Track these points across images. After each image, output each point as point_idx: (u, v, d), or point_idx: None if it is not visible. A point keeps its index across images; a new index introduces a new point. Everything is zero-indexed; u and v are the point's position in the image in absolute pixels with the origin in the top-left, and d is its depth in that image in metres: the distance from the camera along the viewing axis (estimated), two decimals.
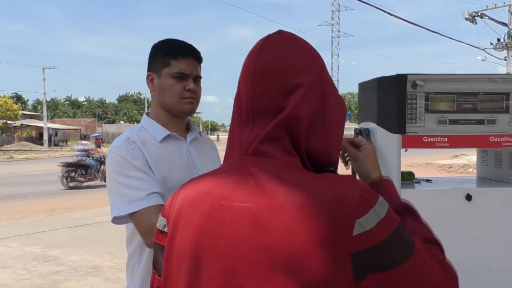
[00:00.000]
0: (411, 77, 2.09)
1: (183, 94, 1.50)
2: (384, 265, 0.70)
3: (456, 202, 2.14)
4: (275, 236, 0.70)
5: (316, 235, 0.68)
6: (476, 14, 23.53)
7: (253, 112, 0.79)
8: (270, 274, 0.70)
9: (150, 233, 1.33)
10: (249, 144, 0.79)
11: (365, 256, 0.69)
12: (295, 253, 0.69)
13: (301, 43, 0.83)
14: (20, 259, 5.61)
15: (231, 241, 0.73)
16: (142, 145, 1.45)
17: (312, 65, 0.82)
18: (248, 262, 0.71)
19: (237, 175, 0.78)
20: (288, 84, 0.78)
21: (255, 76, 0.79)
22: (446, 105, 2.13)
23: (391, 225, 0.72)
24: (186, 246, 0.77)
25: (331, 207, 0.70)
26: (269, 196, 0.73)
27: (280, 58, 0.79)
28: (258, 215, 0.72)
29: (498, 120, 2.15)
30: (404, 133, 2.11)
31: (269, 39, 0.82)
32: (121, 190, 1.38)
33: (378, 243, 0.70)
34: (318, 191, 0.71)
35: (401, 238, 0.73)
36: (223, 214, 0.75)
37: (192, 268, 0.76)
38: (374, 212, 0.71)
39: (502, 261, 2.15)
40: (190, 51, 1.52)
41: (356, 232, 0.69)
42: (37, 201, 10.45)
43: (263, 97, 0.78)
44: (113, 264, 5.37)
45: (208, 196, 0.78)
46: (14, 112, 43.32)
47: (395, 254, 0.71)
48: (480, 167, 2.66)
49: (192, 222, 0.78)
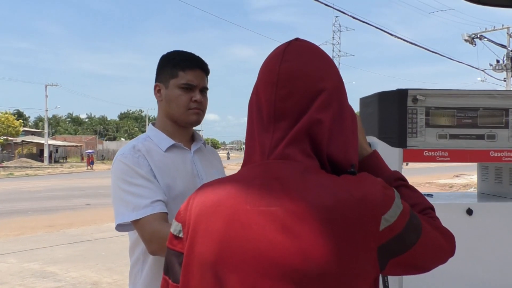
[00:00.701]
0: (411, 92, 2.12)
1: (190, 105, 1.52)
2: (402, 250, 0.76)
3: (457, 216, 2.15)
4: (306, 239, 0.71)
5: (346, 235, 0.71)
6: (475, 36, 23.83)
7: (276, 116, 0.80)
8: (303, 277, 0.70)
9: (154, 240, 1.34)
10: (272, 148, 0.80)
11: (388, 246, 0.74)
12: (328, 255, 0.70)
13: (320, 50, 0.86)
14: (18, 275, 5.56)
15: (259, 245, 0.73)
16: (147, 153, 1.47)
17: (332, 71, 0.84)
18: (279, 266, 0.71)
19: (261, 180, 0.78)
20: (312, 89, 0.80)
21: (279, 79, 0.80)
22: (447, 120, 2.16)
23: (407, 213, 0.77)
24: (210, 252, 0.76)
25: (358, 207, 0.73)
26: (296, 199, 0.74)
27: (304, 63, 0.81)
28: (287, 219, 0.73)
29: (498, 135, 2.17)
30: (405, 147, 2.13)
31: (291, 45, 0.84)
32: (125, 197, 1.40)
33: (400, 232, 0.75)
34: (344, 192, 0.74)
35: (414, 222, 0.78)
36: (249, 218, 0.75)
37: (217, 273, 0.75)
38: (395, 205, 0.75)
39: (502, 275, 2.15)
40: (198, 63, 1.55)
41: (382, 227, 0.73)
42: (36, 217, 10.40)
43: (287, 100, 0.80)
44: (112, 280, 5.32)
45: (231, 201, 0.78)
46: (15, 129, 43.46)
47: (411, 237, 0.77)
48: (480, 183, 2.67)
49: (215, 227, 0.77)
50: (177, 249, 0.83)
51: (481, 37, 23.74)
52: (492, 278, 2.14)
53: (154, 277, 1.47)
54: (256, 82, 0.87)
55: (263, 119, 0.82)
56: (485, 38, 23.64)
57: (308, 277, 0.70)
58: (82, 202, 13.20)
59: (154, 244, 1.34)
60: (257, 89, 0.85)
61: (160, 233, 1.32)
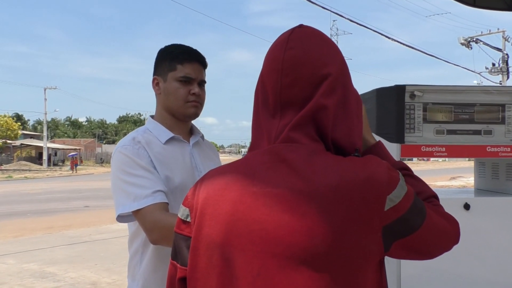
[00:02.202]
0: (409, 88, 2.15)
1: (188, 98, 1.54)
2: (406, 232, 0.77)
3: (454, 211, 2.16)
4: (313, 219, 0.72)
5: (352, 214, 0.72)
6: (471, 39, 23.93)
7: (282, 103, 0.82)
8: (310, 256, 0.72)
9: (155, 229, 1.36)
10: (278, 134, 0.81)
11: (392, 227, 0.75)
12: (334, 233, 0.71)
13: (323, 36, 0.86)
14: (17, 276, 5.56)
15: (266, 225, 0.74)
16: (147, 145, 1.49)
17: (336, 56, 0.85)
18: (286, 245, 0.73)
19: (268, 163, 0.79)
20: (317, 75, 0.81)
21: (283, 67, 0.81)
22: (444, 115, 2.18)
23: (411, 195, 0.78)
24: (217, 234, 0.78)
25: (364, 186, 0.74)
26: (303, 180, 0.75)
27: (308, 50, 0.82)
28: (294, 199, 0.74)
29: (495, 130, 2.20)
30: (403, 142, 2.15)
31: (294, 32, 0.84)
32: (126, 188, 1.41)
33: (404, 213, 0.76)
34: (349, 172, 0.75)
35: (419, 205, 0.79)
36: (256, 200, 0.76)
37: (224, 254, 0.77)
38: (400, 186, 0.77)
39: (499, 270, 2.17)
40: (196, 56, 1.57)
41: (387, 207, 0.74)
42: (35, 219, 10.39)
43: (293, 88, 0.81)
44: (111, 280, 5.32)
45: (238, 184, 0.79)
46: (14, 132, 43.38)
47: (415, 220, 0.77)
48: (477, 179, 2.70)
49: (222, 209, 0.78)
50: (185, 233, 0.84)
51: (477, 40, 23.85)
52: (489, 273, 2.16)
53: (153, 268, 1.49)
54: (261, 70, 0.88)
55: (269, 107, 0.83)
56: (481, 42, 23.74)
57: (315, 256, 0.72)
58: (81, 204, 13.19)
59: (155, 233, 1.36)
60: (262, 77, 0.86)
61: (161, 223, 1.34)
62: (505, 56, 23.62)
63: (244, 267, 0.75)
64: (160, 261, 1.48)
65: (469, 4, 3.77)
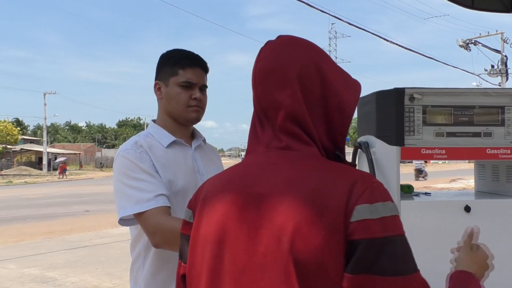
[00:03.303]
0: (408, 91, 2.16)
1: (189, 103, 1.55)
2: (369, 267, 0.71)
3: (455, 213, 2.17)
4: (287, 218, 0.75)
5: (321, 218, 0.73)
6: (470, 41, 23.97)
7: (262, 111, 0.87)
8: (282, 254, 0.75)
9: (157, 233, 1.36)
10: (270, 140, 0.85)
11: (355, 246, 0.71)
12: (311, 237, 0.73)
13: (296, 40, 0.87)
14: (18, 281, 5.56)
15: (253, 225, 0.79)
16: (149, 149, 1.50)
17: (307, 56, 0.85)
18: (266, 243, 0.77)
19: (259, 165, 0.84)
20: (282, 81, 0.83)
21: (255, 79, 0.87)
22: (443, 118, 2.19)
23: (391, 230, 0.72)
24: (210, 232, 0.83)
25: (340, 192, 0.75)
26: (286, 181, 0.79)
27: (275, 57, 0.85)
28: (276, 199, 0.78)
29: (494, 133, 2.21)
30: (403, 145, 2.16)
31: (267, 44, 0.89)
32: (128, 192, 1.42)
33: (370, 239, 0.71)
34: (331, 177, 0.77)
35: (397, 250, 0.72)
36: (245, 200, 0.81)
37: (215, 251, 0.81)
38: (373, 207, 0.73)
39: (500, 272, 2.17)
40: (198, 61, 1.58)
41: (353, 219, 0.72)
42: (36, 224, 10.39)
43: (264, 96, 0.85)
44: (112, 284, 5.32)
45: (232, 185, 0.85)
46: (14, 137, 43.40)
47: (389, 262, 0.71)
48: (478, 181, 2.70)
49: (217, 210, 0.84)
50: (188, 233, 0.90)
51: (475, 42, 23.89)
52: (490, 274, 2.16)
53: (155, 272, 1.49)
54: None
55: (258, 115, 0.89)
56: (480, 44, 23.79)
57: (295, 256, 0.73)
58: (81, 208, 13.18)
59: (157, 236, 1.37)
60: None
61: (163, 226, 1.35)
62: (504, 58, 23.66)
63: (231, 263, 0.79)
64: (162, 265, 1.48)
65: (467, 6, 3.78)
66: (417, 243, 1.40)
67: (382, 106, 2.22)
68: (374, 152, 2.28)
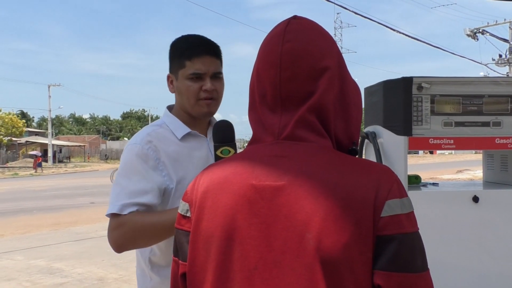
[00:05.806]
0: (416, 80, 2.12)
1: (200, 95, 1.46)
2: (404, 266, 0.71)
3: (463, 204, 2.15)
4: (310, 213, 0.71)
5: (349, 214, 0.70)
6: (478, 30, 23.72)
7: (282, 98, 0.79)
8: (307, 251, 0.71)
9: (113, 237, 1.37)
10: (282, 129, 0.79)
11: (388, 243, 0.70)
12: (329, 230, 0.70)
13: (320, 28, 0.84)
14: (25, 272, 5.60)
15: (265, 219, 0.74)
16: (161, 143, 1.44)
17: (333, 48, 0.83)
18: (283, 239, 0.72)
19: (270, 157, 0.78)
20: (316, 68, 0.79)
21: (282, 61, 0.79)
22: (452, 107, 2.16)
23: (415, 225, 0.74)
24: (215, 227, 0.77)
25: (364, 187, 0.72)
26: (305, 175, 0.74)
27: (306, 42, 0.80)
28: (293, 193, 0.73)
29: (504, 122, 2.17)
30: (411, 135, 2.13)
31: (290, 24, 0.82)
32: (114, 189, 1.41)
33: (406, 234, 0.71)
34: (354, 171, 0.74)
35: (422, 245, 0.74)
36: (255, 193, 0.76)
37: (222, 248, 0.76)
38: (402, 202, 0.73)
39: (508, 261, 2.15)
40: (205, 48, 1.47)
41: (384, 214, 0.71)
42: (42, 216, 10.45)
43: (293, 82, 0.79)
44: (118, 276, 5.35)
45: (238, 177, 0.78)
46: (19, 129, 43.61)
47: (417, 258, 0.72)
48: (486, 171, 2.67)
49: (222, 203, 0.78)
50: (185, 228, 0.83)
51: (483, 31, 23.64)
52: (498, 265, 2.14)
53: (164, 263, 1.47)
54: (256, 63, 0.84)
55: (267, 101, 0.81)
56: (488, 33, 23.53)
57: (310, 252, 0.70)
58: (87, 200, 13.24)
59: (116, 240, 1.36)
60: (258, 70, 0.83)
61: (124, 228, 1.35)
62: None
63: (241, 261, 0.74)
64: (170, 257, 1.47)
65: None
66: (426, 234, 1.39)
67: (390, 95, 2.19)
68: (382, 142, 2.26)
